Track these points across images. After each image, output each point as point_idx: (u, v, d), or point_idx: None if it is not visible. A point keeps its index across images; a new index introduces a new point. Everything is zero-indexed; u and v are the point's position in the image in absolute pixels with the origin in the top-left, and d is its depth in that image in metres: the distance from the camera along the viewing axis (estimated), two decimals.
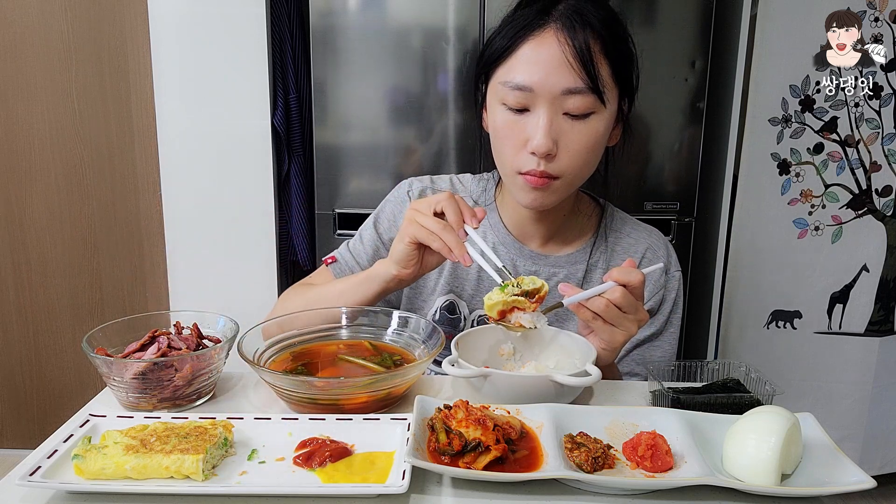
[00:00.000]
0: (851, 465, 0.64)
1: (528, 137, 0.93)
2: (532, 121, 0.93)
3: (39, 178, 2.24)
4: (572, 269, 1.08)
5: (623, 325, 0.86)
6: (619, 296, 0.84)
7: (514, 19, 0.96)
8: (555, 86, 0.91)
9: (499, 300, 0.86)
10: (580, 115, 0.93)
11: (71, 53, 2.15)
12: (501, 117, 0.96)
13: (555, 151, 0.93)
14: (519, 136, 0.94)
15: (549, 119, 0.92)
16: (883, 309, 2.07)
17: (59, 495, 0.63)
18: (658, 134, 1.92)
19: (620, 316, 0.85)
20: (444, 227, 0.90)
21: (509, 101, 0.94)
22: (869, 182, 1.99)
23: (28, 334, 2.37)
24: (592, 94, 0.91)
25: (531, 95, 0.92)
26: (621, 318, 0.85)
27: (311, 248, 2.10)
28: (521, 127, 0.94)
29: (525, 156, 0.94)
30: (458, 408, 0.68)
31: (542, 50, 0.92)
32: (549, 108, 0.92)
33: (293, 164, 2.07)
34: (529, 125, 0.93)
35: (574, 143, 0.94)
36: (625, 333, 0.87)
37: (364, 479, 0.64)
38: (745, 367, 0.84)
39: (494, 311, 0.87)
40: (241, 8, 1.92)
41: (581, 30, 0.91)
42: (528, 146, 0.93)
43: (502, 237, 1.11)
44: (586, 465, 0.64)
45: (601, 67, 0.92)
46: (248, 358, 0.80)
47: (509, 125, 0.95)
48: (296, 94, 2.04)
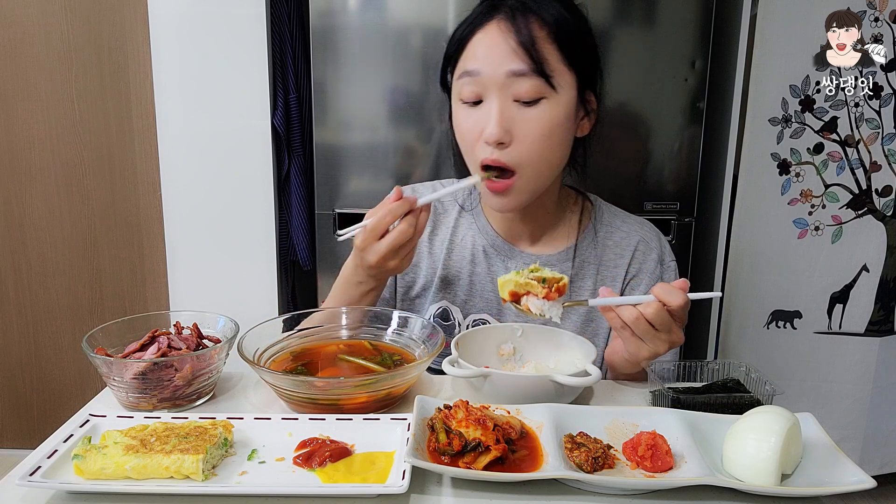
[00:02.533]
0: (851, 465, 0.64)
1: (482, 128, 0.95)
2: (485, 110, 0.95)
3: (39, 178, 2.24)
4: (563, 266, 1.08)
5: (651, 342, 0.83)
6: (652, 311, 0.81)
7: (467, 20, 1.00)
8: (498, 68, 0.93)
9: (510, 279, 0.86)
10: (530, 102, 0.94)
11: (71, 53, 2.15)
12: (460, 114, 1.00)
13: (508, 140, 0.94)
14: (475, 129, 0.97)
15: (500, 106, 0.94)
16: (883, 309, 2.07)
17: (59, 495, 0.63)
18: (658, 134, 1.92)
19: (650, 332, 0.82)
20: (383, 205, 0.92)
21: (464, 93, 0.97)
22: (869, 182, 1.99)
23: (28, 334, 2.37)
24: (539, 78, 0.93)
25: (480, 82, 0.95)
26: (651, 334, 0.83)
27: (312, 248, 2.10)
28: (477, 119, 0.96)
29: (481, 146, 0.96)
30: (458, 408, 0.68)
31: (488, 39, 0.95)
32: (498, 95, 0.94)
33: (293, 164, 2.07)
34: (483, 116, 0.95)
35: (527, 131, 0.95)
36: (651, 350, 0.84)
37: (364, 479, 0.64)
38: (745, 367, 0.84)
39: (506, 290, 0.86)
40: (241, 8, 1.92)
41: (524, 18, 0.93)
42: (483, 135, 0.95)
43: (492, 240, 1.11)
44: (586, 465, 0.64)
45: (547, 52, 0.93)
46: (248, 358, 0.80)
47: (467, 120, 0.98)
48: (296, 94, 2.04)
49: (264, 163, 2.01)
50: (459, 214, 1.15)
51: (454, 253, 1.12)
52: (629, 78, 1.88)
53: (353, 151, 1.94)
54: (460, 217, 1.15)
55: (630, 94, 1.89)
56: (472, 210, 1.15)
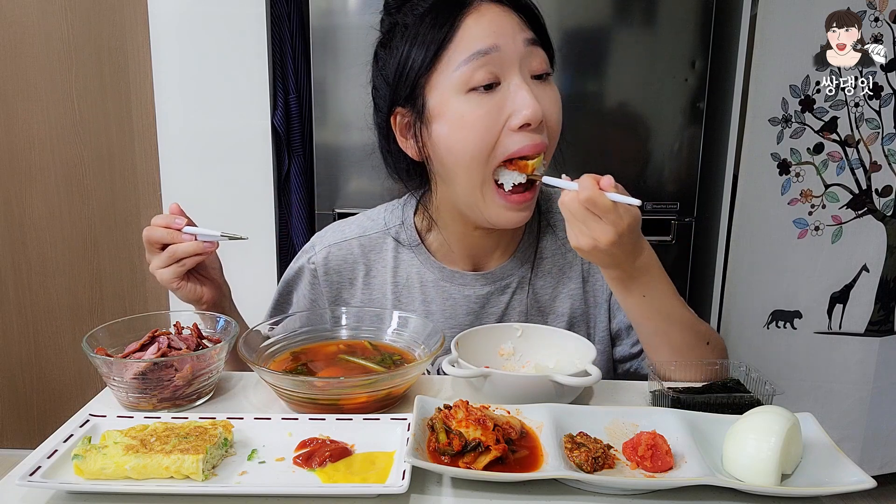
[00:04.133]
0: (851, 465, 0.64)
1: (509, 113, 0.84)
2: (510, 91, 0.84)
3: (39, 178, 2.25)
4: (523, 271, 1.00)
5: (571, 229, 0.79)
6: (566, 199, 0.78)
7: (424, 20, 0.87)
8: (516, 38, 0.84)
9: None
10: (544, 76, 0.87)
11: (71, 53, 2.15)
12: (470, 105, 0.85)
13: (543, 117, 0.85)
14: (498, 119, 0.84)
15: (527, 82, 0.84)
16: (883, 309, 2.07)
17: (59, 495, 0.63)
18: (658, 134, 1.92)
19: (571, 219, 0.78)
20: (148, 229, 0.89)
21: (479, 77, 0.83)
22: (869, 182, 1.99)
23: (28, 334, 2.37)
24: (544, 50, 0.87)
25: (498, 59, 0.83)
26: (570, 221, 0.79)
27: None
28: (499, 105, 0.84)
29: (511, 138, 0.85)
30: (458, 408, 0.68)
31: (486, 14, 0.85)
32: (520, 71, 0.85)
33: (293, 164, 2.07)
34: (508, 98, 0.84)
35: (552, 106, 0.87)
36: (574, 240, 0.79)
37: (364, 479, 0.64)
38: (745, 367, 0.84)
39: None
40: (241, 8, 1.92)
41: None
42: (515, 119, 0.83)
43: (439, 271, 1.00)
44: (586, 465, 0.64)
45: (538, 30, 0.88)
46: (248, 358, 0.80)
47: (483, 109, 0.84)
48: (296, 94, 2.04)
49: (264, 163, 2.01)
50: (396, 248, 1.02)
51: (402, 296, 1.01)
52: (629, 78, 1.88)
53: (353, 151, 1.94)
54: (398, 251, 1.02)
55: (630, 94, 1.89)
56: (408, 241, 1.02)
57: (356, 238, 1.03)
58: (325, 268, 1.03)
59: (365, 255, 1.03)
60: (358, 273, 1.03)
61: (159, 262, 0.90)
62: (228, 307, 1.01)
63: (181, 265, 0.90)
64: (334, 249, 1.03)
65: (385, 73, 0.93)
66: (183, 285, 0.92)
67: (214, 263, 0.97)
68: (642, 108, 1.90)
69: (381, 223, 1.04)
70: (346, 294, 1.04)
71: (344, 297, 1.04)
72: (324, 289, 1.04)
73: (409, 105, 0.90)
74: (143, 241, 0.91)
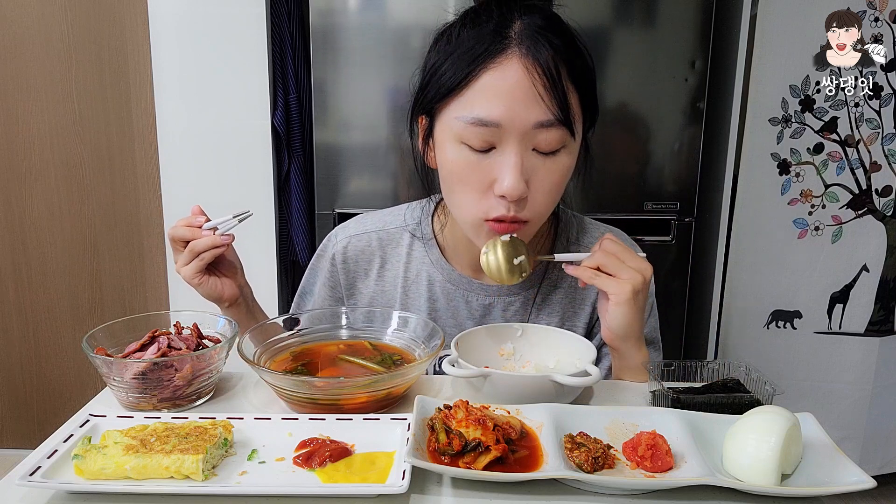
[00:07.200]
0: (851, 465, 0.64)
1: (494, 179, 0.83)
2: (500, 160, 0.82)
3: (39, 177, 2.24)
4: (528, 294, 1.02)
5: (623, 274, 0.85)
6: (606, 244, 0.87)
7: (463, 42, 0.83)
8: (525, 120, 0.80)
9: None
10: (550, 152, 0.83)
11: (71, 53, 2.15)
12: (460, 157, 0.84)
13: (526, 194, 0.83)
14: (484, 179, 0.84)
15: (520, 158, 0.81)
16: (883, 309, 2.07)
17: (59, 495, 0.63)
18: (658, 134, 1.92)
19: (617, 264, 0.85)
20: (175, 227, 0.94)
21: (473, 141, 0.82)
22: (869, 182, 1.99)
23: (28, 334, 2.37)
24: (563, 128, 0.81)
25: (498, 132, 0.81)
26: (618, 266, 0.85)
27: (311, 248, 2.10)
28: (486, 168, 0.83)
29: (492, 200, 0.84)
30: (458, 408, 0.68)
31: (508, 78, 0.80)
32: (518, 146, 0.81)
33: (293, 164, 2.07)
34: (496, 165, 0.82)
35: (545, 183, 0.84)
36: (629, 283, 0.84)
37: (364, 479, 0.64)
38: (745, 367, 0.84)
39: None
40: (241, 8, 1.92)
41: (548, 54, 0.80)
42: (497, 188, 0.83)
43: (447, 274, 1.02)
44: (586, 465, 0.64)
45: (570, 97, 0.82)
46: (248, 358, 0.80)
47: (471, 167, 0.84)
48: (296, 94, 2.04)
49: (264, 163, 2.01)
50: (411, 244, 1.04)
51: (410, 291, 1.03)
52: (629, 78, 1.88)
53: (353, 151, 1.94)
54: (412, 247, 1.04)
55: (630, 94, 1.89)
56: (423, 239, 1.03)
57: (375, 231, 1.06)
58: (343, 256, 1.06)
59: (382, 248, 1.05)
60: (373, 265, 1.06)
61: (182, 260, 0.94)
62: (250, 308, 1.04)
63: (201, 259, 0.93)
64: (354, 240, 1.06)
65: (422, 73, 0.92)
66: (204, 280, 0.95)
67: (234, 263, 1.00)
68: (642, 108, 1.90)
69: (401, 220, 1.07)
70: (361, 284, 1.06)
71: (358, 286, 1.07)
72: (341, 277, 1.07)
73: (427, 117, 0.92)
74: (169, 242, 0.96)
